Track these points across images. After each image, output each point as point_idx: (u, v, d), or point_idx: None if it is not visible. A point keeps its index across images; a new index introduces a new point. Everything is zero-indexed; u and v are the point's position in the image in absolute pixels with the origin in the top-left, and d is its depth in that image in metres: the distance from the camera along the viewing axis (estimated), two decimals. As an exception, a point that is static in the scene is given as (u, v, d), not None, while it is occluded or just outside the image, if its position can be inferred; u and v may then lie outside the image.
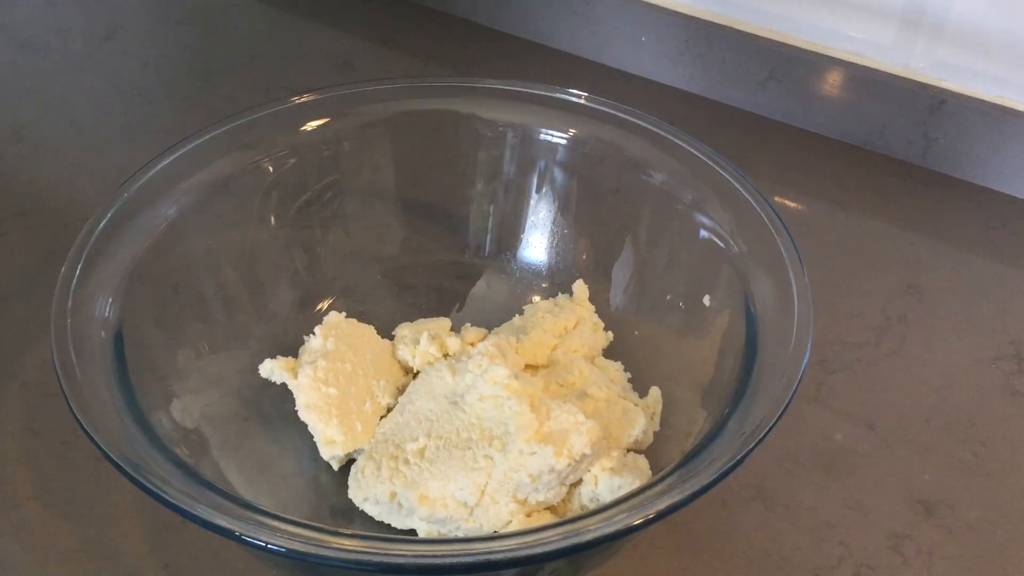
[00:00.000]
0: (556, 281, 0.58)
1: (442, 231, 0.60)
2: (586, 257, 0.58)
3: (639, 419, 0.50)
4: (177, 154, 0.52)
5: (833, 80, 0.73)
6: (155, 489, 0.38)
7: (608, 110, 0.56)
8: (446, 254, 0.60)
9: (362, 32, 0.86)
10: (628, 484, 0.46)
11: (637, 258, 0.56)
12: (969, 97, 0.69)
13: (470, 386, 0.49)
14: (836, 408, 0.56)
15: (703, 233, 0.52)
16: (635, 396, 0.53)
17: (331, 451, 0.50)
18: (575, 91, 0.56)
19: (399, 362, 0.54)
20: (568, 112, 0.56)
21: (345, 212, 0.58)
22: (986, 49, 0.68)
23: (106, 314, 0.46)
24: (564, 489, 0.47)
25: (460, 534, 0.46)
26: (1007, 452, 0.54)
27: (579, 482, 0.47)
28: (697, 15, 0.77)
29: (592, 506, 0.47)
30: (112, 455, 0.39)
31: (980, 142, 0.70)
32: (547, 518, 0.47)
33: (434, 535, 0.46)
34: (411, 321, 0.57)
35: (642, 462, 0.48)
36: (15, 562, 0.48)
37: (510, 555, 0.36)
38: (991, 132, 0.69)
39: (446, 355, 0.53)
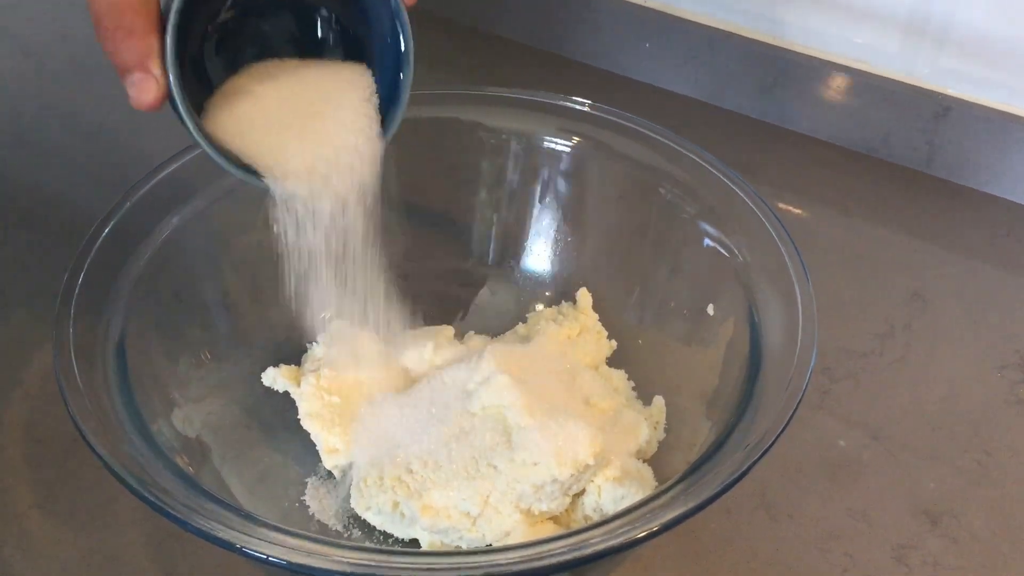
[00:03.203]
0: (560, 289, 0.58)
1: (445, 239, 0.60)
2: (590, 265, 0.58)
3: (643, 428, 0.50)
4: (181, 161, 0.52)
5: (837, 87, 0.73)
6: (156, 500, 0.38)
7: (612, 118, 0.56)
8: (449, 262, 0.60)
9: (365, 38, 0.86)
10: (632, 494, 0.46)
11: (641, 267, 0.56)
12: (974, 104, 0.69)
13: (472, 395, 0.49)
14: (840, 416, 0.56)
15: (707, 242, 0.52)
16: (639, 405, 0.53)
17: (333, 460, 0.49)
18: (579, 99, 0.56)
19: (401, 371, 0.54)
20: (572, 120, 0.56)
21: (348, 220, 0.58)
22: (991, 56, 0.68)
23: (108, 321, 0.46)
24: (567, 499, 0.46)
25: (463, 544, 0.46)
26: (1012, 461, 0.54)
27: (582, 492, 0.47)
28: (701, 21, 0.77)
29: (596, 516, 0.46)
30: (113, 466, 0.39)
31: (985, 149, 0.70)
32: (550, 528, 0.46)
33: (437, 545, 0.46)
34: (414, 329, 0.57)
35: (646, 472, 0.48)
36: (17, 571, 0.48)
37: (513, 568, 0.36)
38: (996, 139, 0.69)
39: (449, 364, 0.53)
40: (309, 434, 0.50)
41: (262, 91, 0.43)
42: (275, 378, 0.51)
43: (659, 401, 0.52)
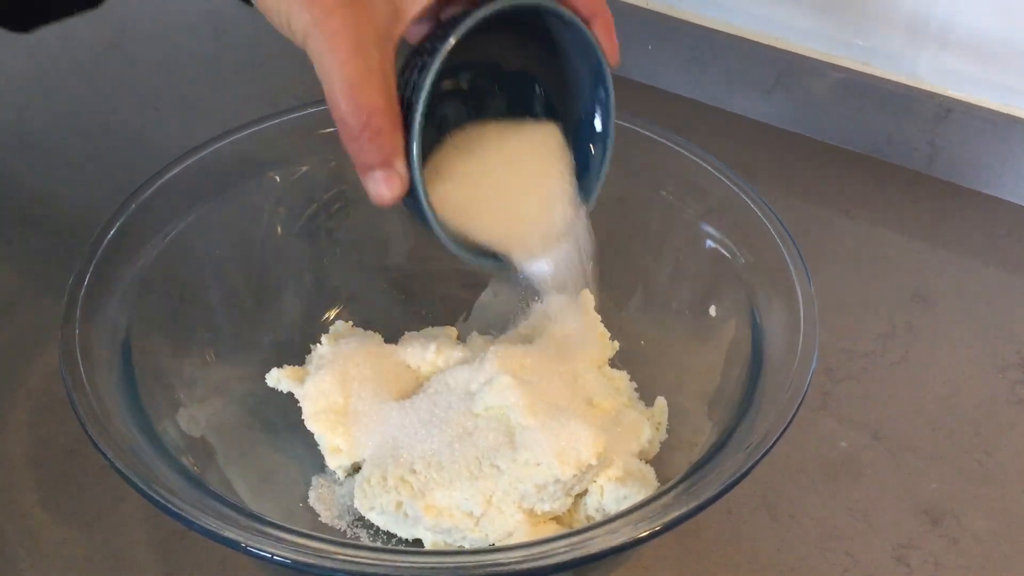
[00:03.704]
0: (562, 290, 0.58)
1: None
2: (592, 266, 0.58)
3: (645, 429, 0.50)
4: (186, 163, 0.52)
5: (839, 88, 0.73)
6: (161, 499, 0.38)
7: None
8: (452, 263, 0.59)
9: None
10: (634, 495, 0.46)
11: (643, 268, 0.56)
12: (975, 106, 0.69)
13: (475, 395, 0.49)
14: (841, 417, 0.56)
15: (709, 243, 0.52)
16: (641, 406, 0.53)
17: (337, 460, 0.50)
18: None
19: (405, 371, 0.54)
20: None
21: (352, 222, 0.58)
22: (992, 58, 0.68)
23: (114, 322, 0.46)
24: (570, 499, 0.47)
25: (466, 544, 0.46)
26: (1013, 461, 0.54)
27: (585, 492, 0.47)
28: (703, 23, 0.77)
29: (598, 516, 0.47)
30: (118, 465, 0.39)
31: (986, 151, 0.70)
32: (553, 528, 0.47)
33: (440, 545, 0.46)
34: (417, 330, 0.57)
35: (648, 472, 0.48)
36: (21, 569, 0.48)
37: (516, 567, 0.36)
38: (997, 141, 0.69)
39: (452, 364, 0.53)
40: (313, 434, 0.50)
41: (471, 167, 0.44)
42: (279, 379, 0.51)
43: (661, 402, 0.52)
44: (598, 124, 0.46)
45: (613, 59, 0.44)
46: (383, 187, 0.39)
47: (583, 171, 0.46)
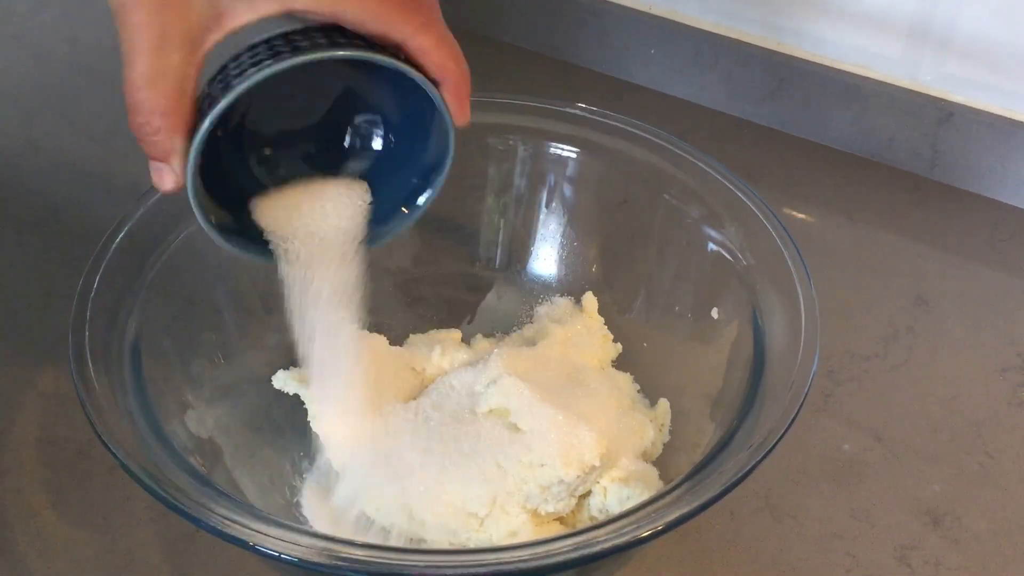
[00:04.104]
0: (566, 293, 0.58)
1: (453, 243, 0.60)
2: (595, 269, 0.58)
3: (648, 430, 0.50)
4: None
5: (840, 92, 0.73)
6: (171, 499, 0.38)
7: (617, 123, 0.56)
8: (457, 266, 0.60)
9: (373, 44, 0.86)
10: (637, 495, 0.46)
11: (646, 270, 0.56)
12: (976, 109, 0.70)
13: (480, 396, 0.49)
14: (843, 419, 0.56)
15: (711, 246, 0.52)
16: (644, 407, 0.53)
17: (343, 461, 0.50)
18: (584, 105, 0.57)
19: (410, 373, 0.54)
20: (578, 125, 0.57)
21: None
22: (993, 62, 0.68)
23: (123, 324, 0.46)
24: (573, 500, 0.47)
25: (470, 544, 0.46)
26: (1014, 463, 0.54)
27: (588, 493, 0.47)
28: (705, 28, 0.78)
29: (601, 517, 0.47)
30: (128, 465, 0.39)
31: (987, 154, 0.70)
32: (557, 529, 0.47)
33: (444, 545, 0.47)
34: (422, 332, 0.57)
35: (651, 473, 0.49)
36: (31, 570, 0.49)
37: (520, 566, 0.36)
38: (998, 144, 0.69)
39: (457, 366, 0.53)
40: (319, 435, 0.50)
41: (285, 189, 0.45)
42: (286, 381, 0.51)
43: (664, 403, 0.52)
44: (422, 198, 0.46)
45: (460, 121, 0.43)
46: (156, 178, 0.40)
47: (386, 217, 0.47)
